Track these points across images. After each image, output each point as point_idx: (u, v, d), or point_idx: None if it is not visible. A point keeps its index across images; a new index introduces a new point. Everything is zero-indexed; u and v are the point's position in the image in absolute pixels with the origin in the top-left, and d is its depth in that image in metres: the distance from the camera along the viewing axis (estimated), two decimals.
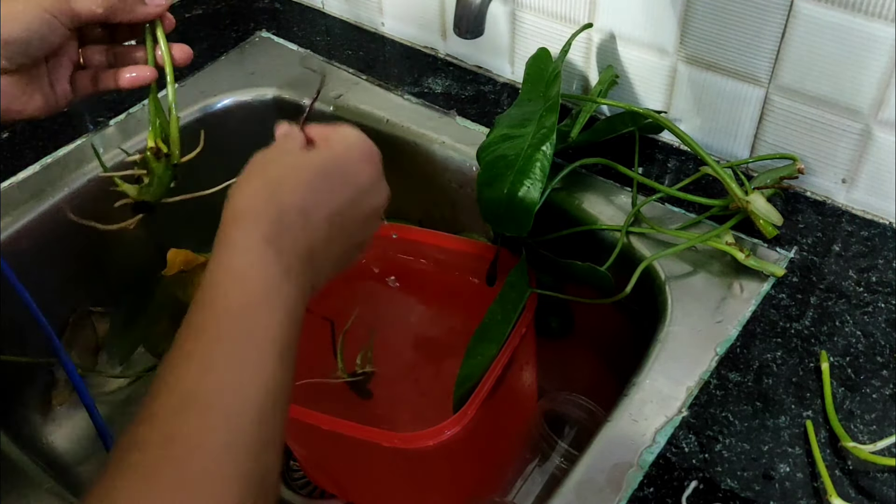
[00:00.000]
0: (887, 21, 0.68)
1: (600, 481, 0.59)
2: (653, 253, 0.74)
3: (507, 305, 0.72)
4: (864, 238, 0.76)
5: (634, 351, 0.69)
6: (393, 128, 0.91)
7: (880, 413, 0.62)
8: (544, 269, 0.77)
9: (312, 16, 1.07)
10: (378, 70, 0.98)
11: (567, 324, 0.87)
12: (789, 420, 0.62)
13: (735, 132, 0.82)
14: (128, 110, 0.92)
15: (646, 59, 0.83)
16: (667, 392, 0.64)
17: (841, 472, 0.59)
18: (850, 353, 0.66)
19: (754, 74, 0.77)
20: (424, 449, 0.65)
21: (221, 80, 0.97)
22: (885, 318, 0.69)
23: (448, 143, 0.88)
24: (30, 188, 0.84)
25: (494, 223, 0.73)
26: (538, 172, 0.71)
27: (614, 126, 0.82)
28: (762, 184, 0.76)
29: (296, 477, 0.88)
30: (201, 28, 1.05)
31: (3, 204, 0.82)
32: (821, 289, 0.71)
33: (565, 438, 0.83)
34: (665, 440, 0.61)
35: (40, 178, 0.84)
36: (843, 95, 0.73)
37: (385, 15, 1.02)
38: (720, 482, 0.59)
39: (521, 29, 0.90)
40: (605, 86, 0.84)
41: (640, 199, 0.78)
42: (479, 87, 0.95)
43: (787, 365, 0.66)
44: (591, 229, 0.78)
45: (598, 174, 0.82)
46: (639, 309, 0.75)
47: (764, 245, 0.75)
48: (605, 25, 0.84)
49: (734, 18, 0.75)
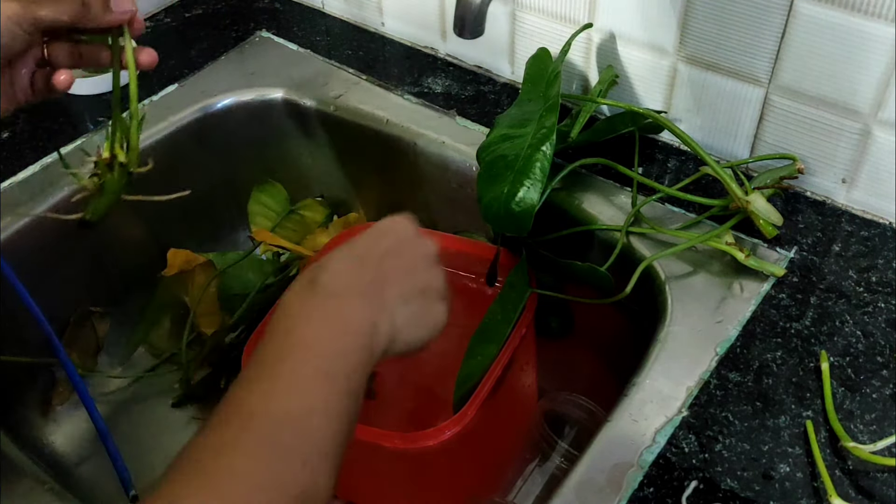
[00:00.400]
0: (887, 21, 0.68)
1: (600, 481, 0.59)
2: (653, 253, 0.74)
3: (507, 305, 0.72)
4: (864, 238, 0.76)
5: (634, 351, 0.69)
6: (393, 128, 0.91)
7: (880, 413, 0.62)
8: (544, 269, 0.77)
9: (312, 16, 1.07)
10: (378, 70, 0.98)
11: (567, 324, 0.86)
12: (789, 420, 0.62)
13: (735, 132, 0.82)
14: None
15: (646, 59, 0.83)
16: (667, 392, 0.64)
17: (841, 472, 0.59)
18: (850, 353, 0.66)
19: (754, 74, 0.77)
20: (424, 449, 0.65)
21: (221, 80, 0.97)
22: (885, 318, 0.69)
23: (448, 143, 0.88)
24: (30, 188, 0.84)
25: (494, 223, 0.73)
26: (538, 172, 0.71)
27: (614, 126, 0.82)
28: (762, 184, 0.76)
29: None
30: (201, 28, 1.05)
31: (3, 204, 0.82)
32: (821, 289, 0.71)
33: (565, 438, 0.83)
34: (665, 440, 0.61)
35: (40, 178, 0.84)
36: (842, 95, 0.73)
37: (385, 15, 1.02)
38: (720, 482, 0.59)
39: (521, 29, 0.90)
40: (605, 86, 0.85)
41: (640, 199, 0.78)
42: (479, 87, 0.95)
43: (787, 365, 0.66)
44: (591, 229, 0.78)
45: (598, 174, 0.82)
46: (639, 309, 0.75)
47: (764, 245, 0.75)
48: (605, 25, 0.84)
49: (734, 18, 0.75)
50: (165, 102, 0.94)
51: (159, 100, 0.94)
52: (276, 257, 0.99)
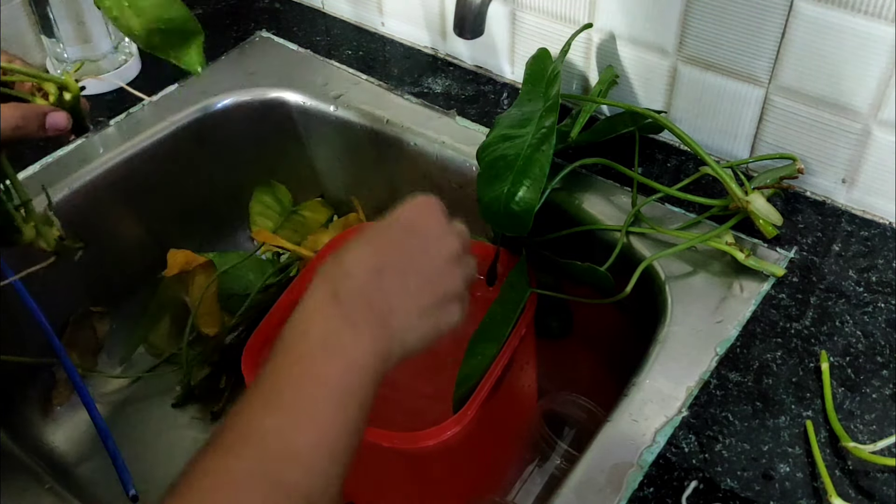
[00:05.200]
0: (887, 21, 0.68)
1: (600, 481, 0.59)
2: (653, 253, 0.74)
3: (507, 305, 0.72)
4: (864, 238, 0.76)
5: (634, 351, 0.69)
6: (393, 128, 0.91)
7: (880, 413, 0.62)
8: (544, 269, 0.77)
9: (312, 16, 1.07)
10: (378, 70, 0.98)
11: (567, 324, 0.86)
12: (789, 420, 0.62)
13: (735, 132, 0.82)
14: (128, 110, 0.92)
15: (646, 59, 0.83)
16: (667, 392, 0.64)
17: (841, 472, 0.59)
18: (850, 353, 0.66)
19: (754, 74, 0.77)
20: (424, 449, 0.65)
21: (221, 80, 0.97)
22: (885, 318, 0.69)
23: (448, 143, 0.88)
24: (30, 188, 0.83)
25: (494, 223, 0.73)
26: (538, 172, 0.71)
27: (614, 126, 0.82)
28: (762, 184, 0.76)
29: None
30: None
31: None
32: (821, 289, 0.71)
33: (565, 439, 0.83)
34: (665, 440, 0.61)
35: (40, 178, 0.84)
36: (842, 95, 0.73)
37: (385, 15, 1.02)
38: (720, 482, 0.59)
39: (521, 29, 0.90)
40: (605, 86, 0.85)
41: (640, 199, 0.78)
42: (479, 87, 0.95)
43: (787, 365, 0.66)
44: (591, 229, 0.78)
45: (598, 174, 0.82)
46: (639, 309, 0.75)
47: (764, 245, 0.75)
48: (605, 25, 0.84)
49: (734, 18, 0.75)
50: (165, 102, 0.94)
51: (159, 100, 0.94)
52: (276, 258, 0.99)
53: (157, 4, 0.65)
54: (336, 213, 1.02)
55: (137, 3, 0.65)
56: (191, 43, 0.68)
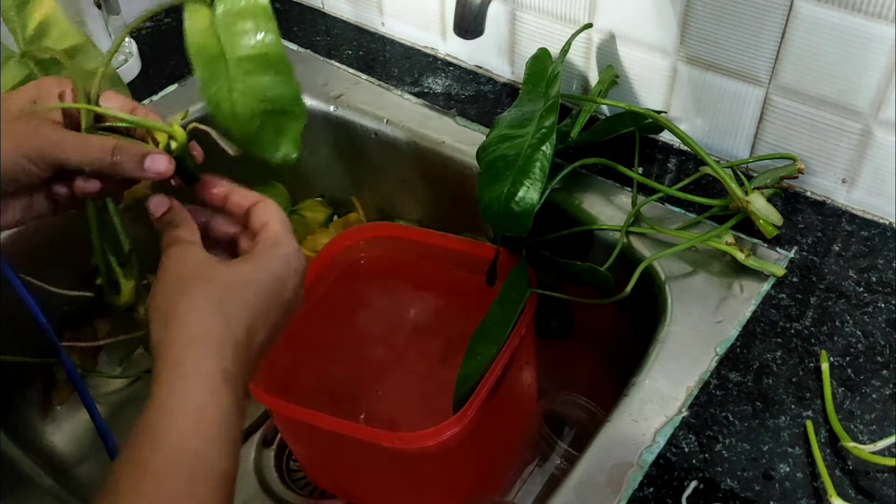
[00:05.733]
0: (887, 21, 0.68)
1: (600, 481, 0.59)
2: (653, 253, 0.74)
3: (507, 305, 0.72)
4: (864, 238, 0.76)
5: (634, 351, 0.69)
6: (393, 128, 0.91)
7: (880, 413, 0.62)
8: (544, 269, 0.77)
9: (312, 16, 1.07)
10: (378, 70, 0.98)
11: (567, 324, 0.86)
12: (789, 420, 0.62)
13: (735, 132, 0.82)
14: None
15: (646, 59, 0.83)
16: (667, 392, 0.64)
17: (841, 472, 0.59)
18: (850, 353, 0.66)
19: (754, 74, 0.77)
20: (424, 449, 0.65)
21: None
22: (885, 318, 0.69)
23: (448, 143, 0.88)
24: None
25: (494, 223, 0.73)
26: (538, 172, 0.71)
27: (614, 126, 0.82)
28: (762, 184, 0.76)
29: (296, 477, 0.88)
30: None
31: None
32: (821, 289, 0.71)
33: (565, 439, 0.83)
34: (665, 440, 0.61)
35: None
36: (842, 95, 0.73)
37: (385, 15, 1.02)
38: (720, 482, 0.59)
39: (521, 29, 0.90)
40: (605, 86, 0.85)
41: (640, 199, 0.78)
42: (479, 87, 0.95)
43: (787, 365, 0.66)
44: (591, 229, 0.78)
45: (598, 174, 0.82)
46: (639, 309, 0.75)
47: (764, 245, 0.75)
48: (605, 25, 0.84)
49: (734, 18, 0.75)
50: (165, 102, 0.94)
51: (159, 100, 0.94)
52: None
53: (273, 81, 0.60)
54: (336, 213, 1.02)
55: (248, 80, 0.59)
56: (291, 129, 0.60)
